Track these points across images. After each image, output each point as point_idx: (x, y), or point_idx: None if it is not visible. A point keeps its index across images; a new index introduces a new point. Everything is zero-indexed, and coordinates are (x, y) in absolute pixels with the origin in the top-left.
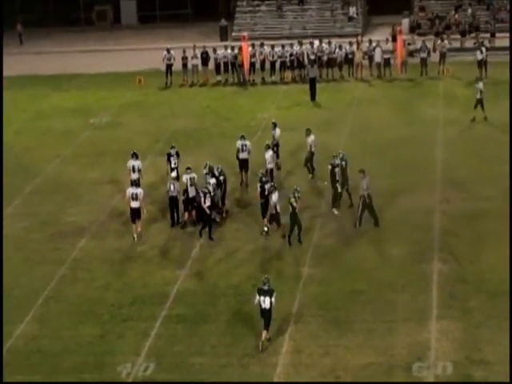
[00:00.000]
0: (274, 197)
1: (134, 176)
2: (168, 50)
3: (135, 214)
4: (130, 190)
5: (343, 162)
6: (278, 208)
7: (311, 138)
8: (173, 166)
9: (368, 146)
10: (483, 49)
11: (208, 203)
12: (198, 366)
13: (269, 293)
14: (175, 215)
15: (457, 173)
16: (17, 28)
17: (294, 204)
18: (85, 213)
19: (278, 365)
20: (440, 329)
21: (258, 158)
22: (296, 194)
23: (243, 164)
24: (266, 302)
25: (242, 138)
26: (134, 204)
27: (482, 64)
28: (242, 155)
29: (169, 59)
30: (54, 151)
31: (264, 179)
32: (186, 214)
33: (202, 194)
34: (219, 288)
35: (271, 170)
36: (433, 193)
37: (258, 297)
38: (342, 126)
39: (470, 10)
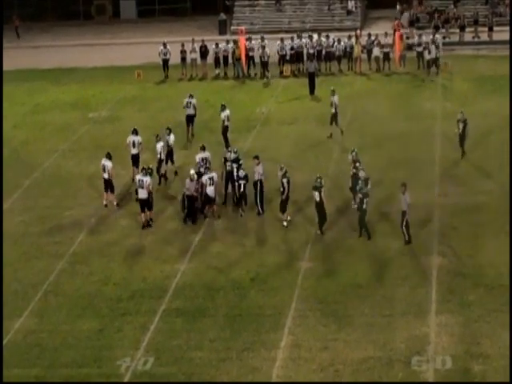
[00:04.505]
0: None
1: (134, 151)
2: (164, 45)
3: (106, 184)
4: (103, 162)
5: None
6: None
7: (226, 112)
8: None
9: (366, 140)
10: (432, 47)
11: (318, 198)
12: (197, 360)
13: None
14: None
15: (455, 166)
16: (14, 22)
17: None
18: (83, 207)
19: (276, 359)
20: (439, 323)
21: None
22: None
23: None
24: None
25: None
26: (105, 175)
27: (431, 64)
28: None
29: (165, 54)
30: (53, 145)
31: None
32: (143, 215)
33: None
34: (218, 282)
35: (161, 160)
36: (431, 187)
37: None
38: (340, 120)
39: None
